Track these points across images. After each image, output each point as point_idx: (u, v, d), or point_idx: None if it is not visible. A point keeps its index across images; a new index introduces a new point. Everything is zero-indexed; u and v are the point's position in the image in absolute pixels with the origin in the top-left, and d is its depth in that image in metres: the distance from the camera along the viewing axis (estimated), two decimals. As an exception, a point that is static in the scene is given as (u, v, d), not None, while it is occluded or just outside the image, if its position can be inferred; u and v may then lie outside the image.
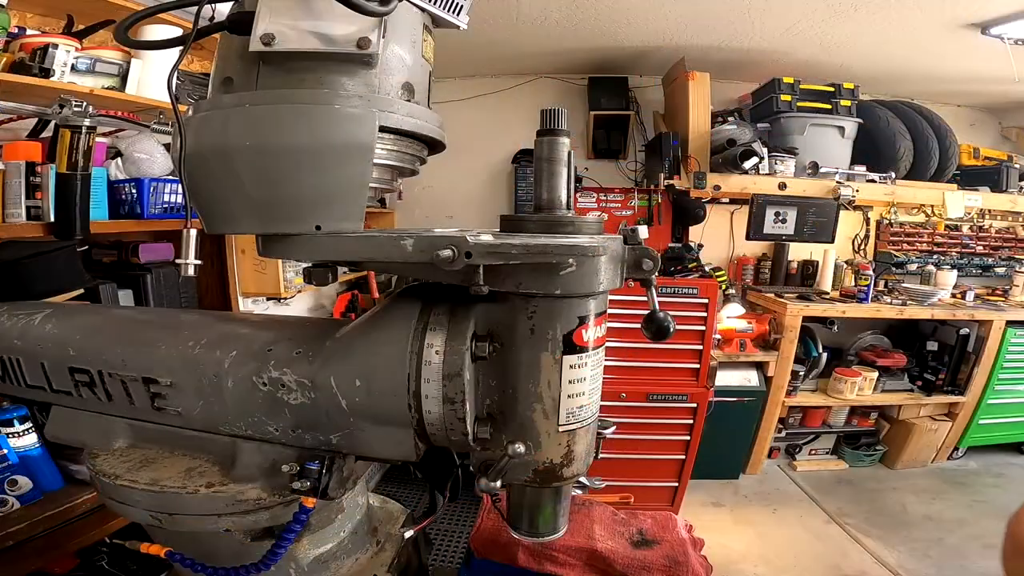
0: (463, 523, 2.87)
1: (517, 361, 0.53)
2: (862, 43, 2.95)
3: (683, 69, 3.18)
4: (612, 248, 0.52)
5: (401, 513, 0.83)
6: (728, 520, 2.92)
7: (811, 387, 3.42)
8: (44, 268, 0.98)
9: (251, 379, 0.60)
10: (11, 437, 1.43)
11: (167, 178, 1.89)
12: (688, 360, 2.74)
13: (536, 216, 0.56)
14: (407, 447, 0.57)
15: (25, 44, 1.58)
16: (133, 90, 1.79)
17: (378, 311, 0.59)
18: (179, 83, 1.82)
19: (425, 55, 0.59)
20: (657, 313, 0.50)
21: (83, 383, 0.68)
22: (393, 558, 0.75)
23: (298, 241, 0.55)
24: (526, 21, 2.87)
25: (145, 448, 0.69)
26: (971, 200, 3.35)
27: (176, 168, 0.56)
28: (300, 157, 0.51)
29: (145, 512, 0.62)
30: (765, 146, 3.21)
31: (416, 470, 0.77)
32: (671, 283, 2.72)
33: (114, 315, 0.77)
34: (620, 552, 1.12)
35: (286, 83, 0.53)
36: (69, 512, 1.42)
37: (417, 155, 0.62)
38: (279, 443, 0.62)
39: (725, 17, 2.76)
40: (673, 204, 3.60)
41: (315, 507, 0.61)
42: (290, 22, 0.51)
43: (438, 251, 0.47)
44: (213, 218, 0.57)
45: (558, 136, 0.56)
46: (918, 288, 3.41)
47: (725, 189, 3.16)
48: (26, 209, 1.49)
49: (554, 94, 3.78)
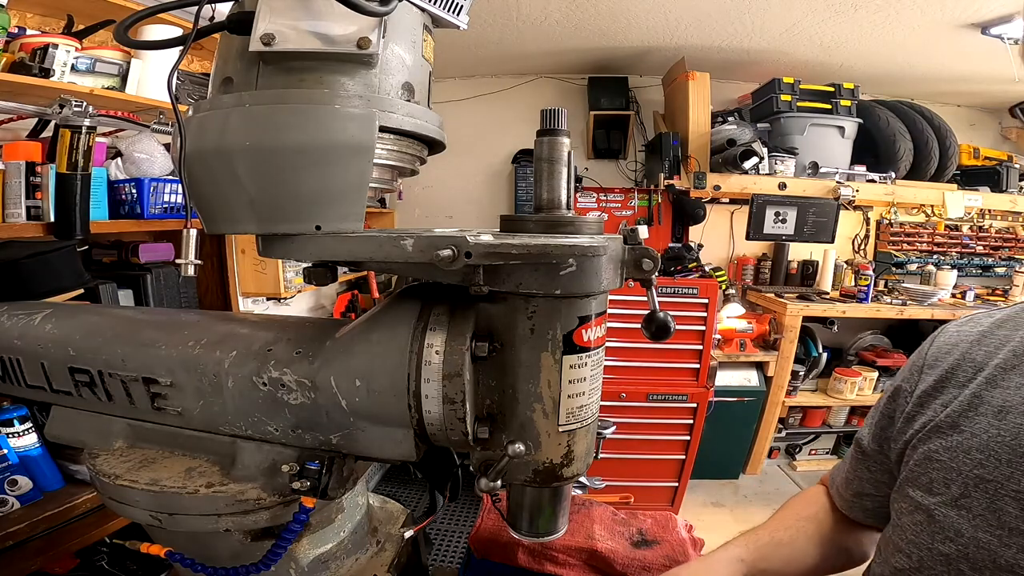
0: (463, 523, 2.87)
1: (517, 361, 0.53)
2: (862, 43, 2.95)
3: (683, 69, 3.18)
4: (612, 248, 0.52)
5: (401, 513, 0.83)
6: (728, 520, 2.92)
7: (811, 387, 3.42)
8: (44, 268, 0.98)
9: (251, 379, 0.60)
10: (11, 437, 1.43)
11: (167, 178, 1.89)
12: (688, 360, 2.74)
13: (536, 216, 0.56)
14: (407, 447, 0.57)
15: (25, 44, 1.58)
16: (133, 90, 1.79)
17: (378, 311, 0.59)
18: (179, 83, 1.82)
19: (425, 55, 0.59)
20: (657, 313, 0.50)
21: (83, 383, 0.68)
22: (393, 558, 0.75)
23: (298, 241, 0.55)
24: (526, 21, 2.87)
25: (145, 448, 0.69)
26: (971, 200, 3.35)
27: (176, 168, 0.56)
28: (300, 157, 0.51)
29: (145, 512, 0.62)
30: (765, 146, 3.21)
31: (416, 470, 0.77)
32: (671, 283, 2.72)
33: (114, 315, 0.77)
34: (620, 552, 1.12)
35: (286, 83, 0.53)
36: (69, 512, 1.42)
37: (417, 155, 0.62)
38: (279, 443, 0.62)
39: (725, 17, 2.75)
40: (673, 204, 3.60)
41: (315, 507, 0.61)
42: (290, 22, 0.51)
43: (438, 251, 0.47)
44: (213, 218, 0.57)
45: (558, 136, 0.55)
46: (918, 288, 3.41)
47: (725, 189, 3.16)
48: (26, 209, 1.49)
49: (554, 94, 3.78)
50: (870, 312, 3.22)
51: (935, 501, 0.56)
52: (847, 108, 3.22)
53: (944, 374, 0.64)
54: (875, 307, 3.22)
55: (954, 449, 0.57)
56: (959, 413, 0.59)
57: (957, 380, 0.62)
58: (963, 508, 0.53)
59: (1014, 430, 0.53)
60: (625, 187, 3.72)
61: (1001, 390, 0.57)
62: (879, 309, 3.21)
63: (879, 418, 0.73)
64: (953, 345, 0.66)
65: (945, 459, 0.57)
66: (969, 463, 0.55)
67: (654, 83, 3.67)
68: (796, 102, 3.22)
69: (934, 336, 0.71)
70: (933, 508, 0.56)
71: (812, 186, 3.21)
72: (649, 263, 0.53)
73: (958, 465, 0.56)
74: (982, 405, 0.57)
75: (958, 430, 0.58)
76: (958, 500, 0.54)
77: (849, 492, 0.77)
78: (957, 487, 0.55)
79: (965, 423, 0.58)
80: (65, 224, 1.53)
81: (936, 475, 0.57)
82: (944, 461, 0.57)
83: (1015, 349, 0.58)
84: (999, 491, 0.51)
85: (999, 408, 0.56)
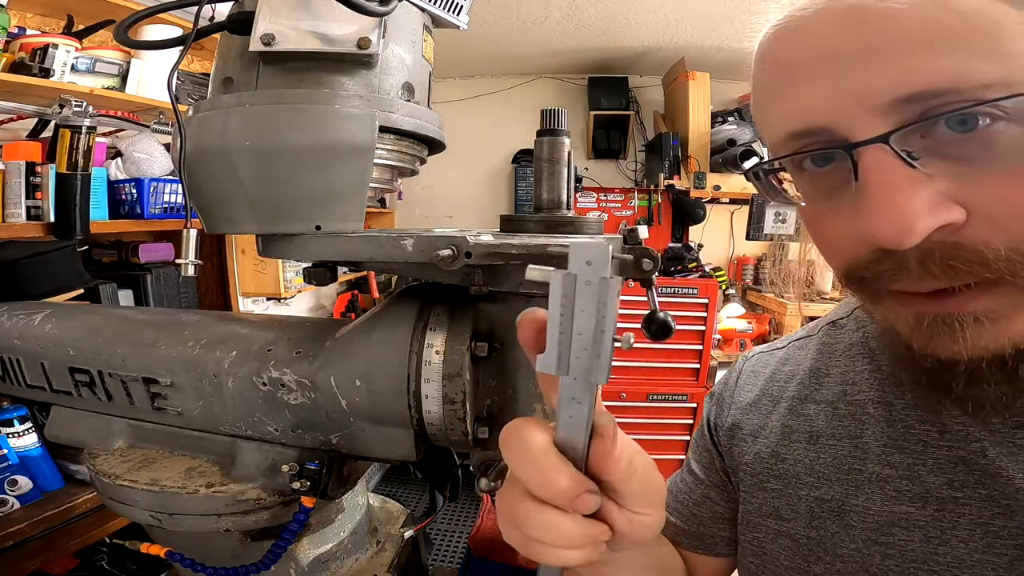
0: (463, 523, 2.87)
1: (517, 361, 0.53)
2: (862, 43, 2.94)
3: (683, 69, 3.18)
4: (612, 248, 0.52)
5: (401, 513, 0.83)
6: (728, 520, 2.92)
7: (811, 387, 3.42)
8: (44, 268, 0.98)
9: (251, 379, 0.60)
10: (11, 437, 1.43)
11: (167, 178, 1.90)
12: (688, 360, 2.75)
13: (536, 216, 0.56)
14: (407, 447, 0.57)
15: (25, 44, 1.58)
16: (133, 90, 1.79)
17: (378, 311, 0.59)
18: (179, 83, 1.82)
19: (425, 55, 0.59)
20: (657, 313, 0.50)
21: (83, 383, 0.68)
22: (393, 558, 0.75)
23: (298, 241, 0.55)
24: (526, 21, 2.87)
25: (145, 448, 0.69)
26: (971, 200, 3.35)
27: (176, 168, 0.56)
28: (300, 157, 0.51)
29: (145, 512, 0.62)
30: (765, 146, 3.21)
31: (416, 470, 0.77)
32: (671, 283, 2.72)
33: (114, 315, 0.77)
34: (620, 552, 1.12)
35: (286, 83, 0.53)
36: (69, 512, 1.42)
37: (417, 155, 0.62)
38: (279, 443, 0.62)
39: (725, 17, 2.75)
40: (673, 204, 3.60)
41: (315, 507, 0.61)
42: (290, 22, 0.51)
43: (438, 251, 0.47)
44: (213, 218, 0.57)
45: (558, 136, 0.55)
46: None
47: (725, 189, 3.16)
48: (26, 209, 1.49)
49: (554, 94, 3.78)
50: (870, 312, 3.22)
51: (790, 526, 0.57)
52: (847, 108, 3.22)
53: (745, 410, 0.66)
54: (875, 307, 3.21)
55: (784, 476, 0.59)
56: (775, 442, 0.61)
57: (759, 413, 0.65)
58: (818, 529, 0.55)
59: (831, 451, 0.56)
60: (625, 187, 3.72)
61: (804, 418, 0.60)
62: (879, 309, 3.20)
63: (699, 452, 0.73)
64: (751, 384, 0.69)
65: (779, 487, 0.59)
66: (805, 487, 0.57)
67: (654, 83, 3.66)
68: (796, 102, 3.21)
69: (737, 373, 0.72)
70: (793, 532, 0.57)
71: (812, 186, 3.20)
72: (649, 263, 0.53)
73: (795, 491, 0.58)
74: (793, 433, 0.60)
75: (780, 459, 0.60)
76: (811, 523, 0.56)
77: (698, 516, 0.72)
78: (804, 510, 0.56)
79: (784, 451, 0.60)
80: (65, 224, 1.53)
81: (780, 502, 0.59)
82: (779, 489, 0.59)
83: (802, 382, 0.62)
84: (843, 507, 0.53)
85: (808, 435, 0.58)
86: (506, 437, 0.36)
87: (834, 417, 0.58)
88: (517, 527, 0.37)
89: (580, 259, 0.29)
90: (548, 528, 0.35)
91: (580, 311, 0.30)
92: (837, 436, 0.57)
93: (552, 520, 0.35)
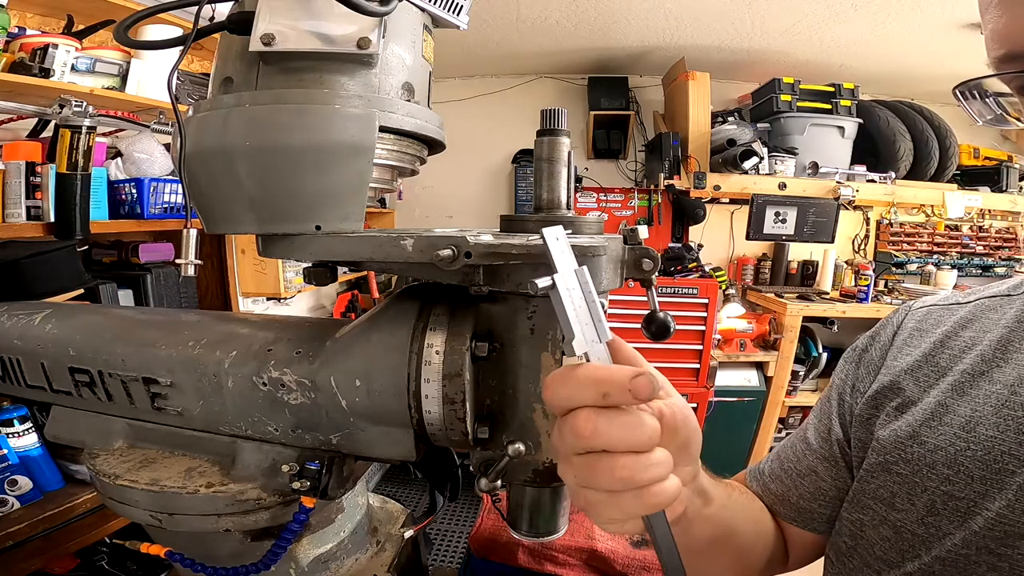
0: (463, 523, 2.87)
1: (517, 361, 0.53)
2: (862, 43, 2.95)
3: (683, 69, 3.18)
4: (612, 248, 0.52)
5: (401, 513, 0.83)
6: (728, 520, 2.92)
7: (811, 387, 3.42)
8: (44, 268, 0.98)
9: (251, 379, 0.60)
10: (11, 437, 1.43)
11: (167, 178, 1.89)
12: (688, 360, 2.74)
13: (536, 216, 0.56)
14: (407, 447, 0.57)
15: (25, 44, 1.58)
16: (133, 90, 1.79)
17: (378, 311, 0.59)
18: (179, 83, 1.82)
19: (425, 55, 0.59)
20: (657, 313, 0.50)
21: (83, 383, 0.68)
22: (393, 558, 0.75)
23: (298, 241, 0.55)
24: (526, 21, 2.87)
25: (145, 448, 0.69)
26: (971, 200, 3.35)
27: (176, 168, 0.56)
28: (300, 157, 0.51)
29: (145, 512, 0.62)
30: (765, 146, 3.21)
31: (416, 470, 0.77)
32: (671, 283, 2.72)
33: (114, 315, 0.77)
34: (620, 552, 1.12)
35: (286, 83, 0.53)
36: (69, 512, 1.42)
37: (417, 155, 0.62)
38: (279, 443, 0.62)
39: (725, 17, 2.76)
40: (673, 204, 3.60)
41: (315, 507, 0.61)
42: (290, 22, 0.51)
43: (438, 251, 0.47)
44: (213, 218, 0.57)
45: (558, 136, 0.55)
46: (918, 288, 3.41)
47: (725, 189, 3.16)
48: (26, 209, 1.49)
49: (554, 94, 3.78)
50: (870, 312, 3.22)
51: (899, 517, 0.52)
52: (847, 108, 3.22)
53: (900, 376, 0.58)
54: (875, 307, 3.22)
55: (916, 462, 0.52)
56: (920, 423, 0.53)
57: (917, 384, 0.56)
58: (930, 526, 0.49)
59: (986, 444, 0.48)
60: (625, 187, 3.72)
61: (969, 399, 0.51)
62: (879, 309, 3.21)
63: (819, 418, 0.66)
64: (914, 344, 0.60)
65: (905, 472, 0.52)
66: (935, 479, 0.50)
67: (654, 83, 3.66)
68: (796, 102, 3.22)
69: (894, 327, 0.62)
70: (900, 524, 0.52)
71: (812, 186, 3.21)
72: (649, 263, 0.53)
73: (922, 480, 0.51)
74: (947, 415, 0.52)
75: (918, 441, 0.52)
76: (925, 518, 0.49)
77: (799, 489, 0.67)
78: (924, 504, 0.50)
79: (927, 434, 0.52)
80: (65, 224, 1.53)
81: (897, 488, 0.52)
82: (905, 475, 0.52)
83: (983, 354, 0.53)
84: (972, 509, 0.47)
85: (967, 420, 0.50)
86: (552, 378, 0.39)
87: (1007, 405, 0.48)
88: (597, 446, 0.37)
89: (561, 261, 0.40)
90: (623, 426, 0.37)
91: (576, 297, 0.39)
92: (1001, 428, 0.47)
93: (626, 418, 0.37)
